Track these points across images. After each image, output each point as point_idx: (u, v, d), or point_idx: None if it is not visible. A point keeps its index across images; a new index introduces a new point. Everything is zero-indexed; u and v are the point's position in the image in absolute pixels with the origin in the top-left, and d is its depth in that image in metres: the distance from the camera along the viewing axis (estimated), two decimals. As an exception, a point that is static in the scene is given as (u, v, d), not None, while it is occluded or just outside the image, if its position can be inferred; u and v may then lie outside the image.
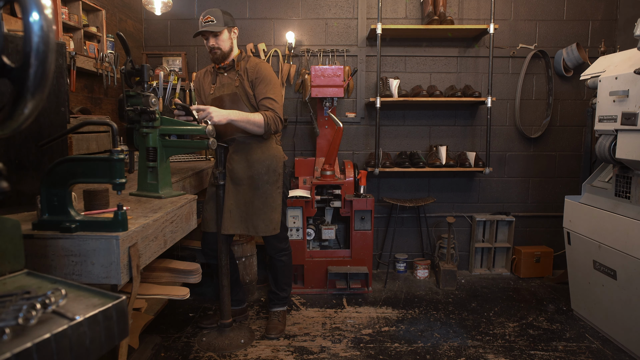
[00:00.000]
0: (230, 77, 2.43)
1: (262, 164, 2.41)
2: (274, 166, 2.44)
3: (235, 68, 2.42)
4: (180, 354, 2.35)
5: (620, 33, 3.52)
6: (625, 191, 2.40)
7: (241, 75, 2.38)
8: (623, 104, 2.28)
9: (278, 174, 2.46)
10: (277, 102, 2.36)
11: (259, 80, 2.35)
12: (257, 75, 2.35)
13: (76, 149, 2.07)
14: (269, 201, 2.44)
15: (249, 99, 2.38)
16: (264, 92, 2.34)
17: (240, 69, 2.40)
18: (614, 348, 2.44)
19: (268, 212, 2.43)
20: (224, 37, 2.34)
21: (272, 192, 2.45)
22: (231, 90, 2.39)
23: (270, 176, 2.43)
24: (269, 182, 2.44)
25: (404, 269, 3.64)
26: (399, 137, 3.65)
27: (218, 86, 2.43)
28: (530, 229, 3.74)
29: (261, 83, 2.35)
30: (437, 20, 3.26)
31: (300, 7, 3.54)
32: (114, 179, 1.22)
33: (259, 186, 2.42)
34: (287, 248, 2.65)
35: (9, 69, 0.70)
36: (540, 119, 3.65)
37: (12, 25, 1.92)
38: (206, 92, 2.47)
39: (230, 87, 2.40)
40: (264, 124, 2.29)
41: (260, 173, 2.41)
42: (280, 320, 2.65)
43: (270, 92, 2.35)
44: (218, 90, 2.43)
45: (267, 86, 2.35)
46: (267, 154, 2.43)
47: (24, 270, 0.91)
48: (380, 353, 2.40)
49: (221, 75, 2.45)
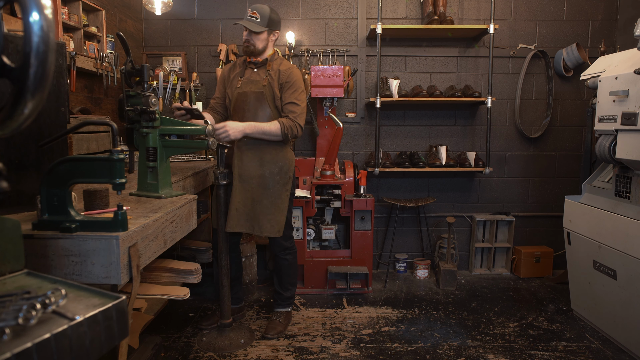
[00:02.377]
0: (260, 74, 2.44)
1: (276, 164, 2.44)
2: (286, 168, 2.47)
3: (267, 67, 2.44)
4: (180, 354, 2.35)
5: (620, 33, 3.52)
6: (625, 191, 2.40)
7: (271, 75, 2.41)
8: (623, 104, 2.28)
9: (289, 176, 2.49)
10: (300, 108, 2.40)
11: (288, 84, 2.39)
12: (288, 80, 2.39)
13: (76, 149, 2.07)
14: (277, 202, 2.46)
15: (274, 100, 2.41)
16: (291, 98, 2.39)
17: (271, 69, 2.42)
18: (614, 348, 2.44)
19: (275, 213, 2.45)
20: (261, 37, 2.38)
21: (281, 193, 2.47)
22: (258, 88, 2.41)
23: (282, 177, 2.46)
24: (280, 183, 2.46)
25: (404, 269, 3.64)
26: (399, 137, 3.65)
27: (245, 81, 2.45)
28: (530, 229, 3.74)
29: (290, 88, 2.39)
30: (437, 20, 3.26)
31: (300, 7, 3.54)
32: (114, 179, 1.22)
33: (269, 186, 2.44)
34: (293, 247, 2.66)
35: (9, 69, 0.70)
36: (540, 119, 3.65)
37: (12, 25, 1.92)
38: (233, 85, 2.48)
39: (258, 85, 2.42)
40: (281, 133, 2.34)
41: (273, 173, 2.43)
42: (282, 321, 2.64)
43: (297, 99, 2.39)
44: (245, 85, 2.44)
45: (295, 92, 2.39)
46: (281, 155, 2.46)
47: (24, 270, 0.91)
48: (380, 353, 2.40)
49: (250, 70, 2.47)
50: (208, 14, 3.54)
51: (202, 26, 3.55)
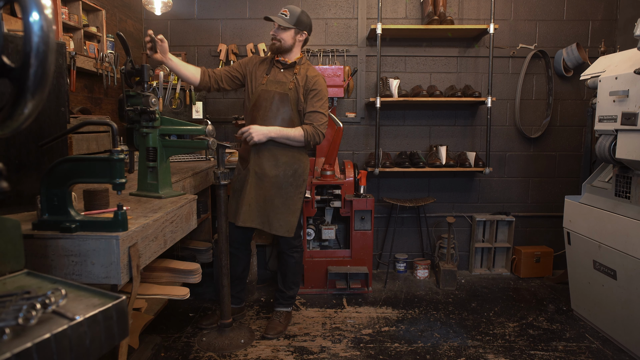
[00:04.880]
0: (286, 76, 2.46)
1: (291, 166, 2.48)
2: (301, 171, 2.51)
3: (294, 70, 2.46)
4: (180, 354, 2.35)
5: (620, 33, 3.52)
6: (625, 191, 2.40)
7: (298, 80, 2.43)
8: (623, 104, 2.28)
9: (302, 179, 2.53)
10: (325, 117, 2.44)
11: (314, 92, 2.42)
12: (314, 87, 2.42)
13: (76, 149, 2.07)
14: (289, 203, 2.49)
15: (298, 104, 2.44)
16: (316, 106, 2.42)
17: (298, 73, 2.45)
18: (614, 348, 2.44)
19: (286, 213, 2.49)
20: (288, 35, 2.40)
21: (293, 195, 2.50)
22: (284, 90, 2.43)
23: (296, 179, 2.50)
24: (293, 185, 2.50)
25: (404, 269, 3.64)
26: (399, 137, 3.65)
27: (271, 80, 2.46)
28: (530, 229, 3.74)
29: (316, 96, 2.42)
30: (437, 20, 3.26)
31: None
32: (114, 179, 1.22)
33: (282, 186, 2.48)
34: (300, 246, 2.68)
35: (9, 69, 0.70)
36: (540, 119, 3.65)
37: (12, 25, 1.92)
38: (258, 80, 2.49)
39: (284, 86, 2.44)
40: (304, 140, 2.39)
41: (287, 175, 2.47)
42: (282, 321, 2.64)
43: (321, 107, 2.43)
44: (270, 84, 2.45)
45: (320, 101, 2.43)
46: (297, 158, 2.50)
47: (24, 270, 0.91)
48: (380, 353, 2.40)
49: (277, 70, 2.49)
50: (208, 14, 3.54)
51: (202, 26, 3.55)
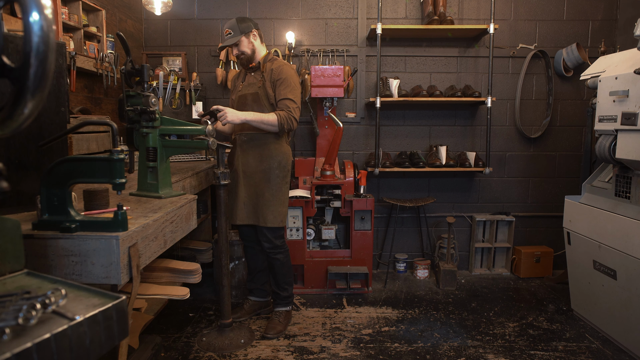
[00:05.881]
0: (255, 77, 2.60)
1: (274, 159, 2.56)
2: (284, 162, 2.59)
3: (261, 69, 2.58)
4: (180, 354, 2.35)
5: (620, 33, 3.52)
6: (625, 191, 2.40)
7: (264, 76, 2.55)
8: (623, 104, 2.28)
9: (287, 170, 2.62)
10: (295, 103, 2.50)
11: (280, 81, 2.50)
12: (279, 77, 2.50)
13: (76, 149, 2.07)
14: (278, 194, 2.57)
15: (268, 99, 2.54)
16: (284, 94, 2.49)
17: (265, 70, 2.56)
18: (614, 348, 2.44)
19: (277, 204, 2.56)
20: (244, 44, 2.52)
21: (281, 186, 2.59)
22: (254, 90, 2.56)
23: (281, 171, 2.58)
24: (279, 177, 2.58)
25: (404, 269, 3.64)
26: (399, 137, 3.65)
27: (245, 85, 2.63)
28: (530, 229, 3.74)
29: (282, 84, 2.49)
30: (437, 20, 3.26)
31: (300, 7, 3.54)
32: (114, 179, 1.22)
33: (271, 179, 2.56)
34: (283, 245, 2.67)
35: (9, 69, 0.70)
36: (540, 119, 3.65)
37: (12, 25, 1.92)
38: (236, 89, 2.67)
39: (253, 87, 2.58)
40: (278, 123, 2.44)
41: (272, 167, 2.56)
42: (281, 320, 2.65)
43: (289, 94, 2.49)
44: (245, 89, 2.61)
45: (287, 88, 2.49)
46: (279, 150, 2.58)
47: (24, 270, 0.91)
48: (380, 353, 2.40)
49: (249, 75, 2.64)
50: (208, 14, 3.55)
51: (202, 26, 3.55)
